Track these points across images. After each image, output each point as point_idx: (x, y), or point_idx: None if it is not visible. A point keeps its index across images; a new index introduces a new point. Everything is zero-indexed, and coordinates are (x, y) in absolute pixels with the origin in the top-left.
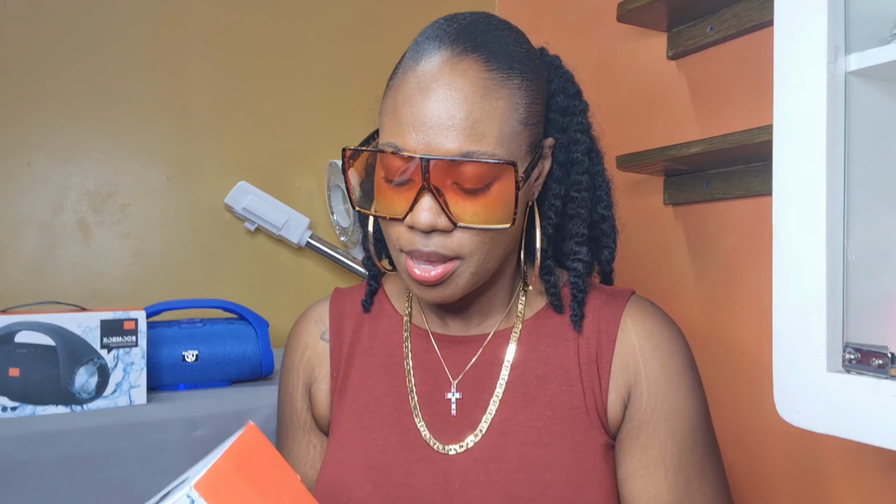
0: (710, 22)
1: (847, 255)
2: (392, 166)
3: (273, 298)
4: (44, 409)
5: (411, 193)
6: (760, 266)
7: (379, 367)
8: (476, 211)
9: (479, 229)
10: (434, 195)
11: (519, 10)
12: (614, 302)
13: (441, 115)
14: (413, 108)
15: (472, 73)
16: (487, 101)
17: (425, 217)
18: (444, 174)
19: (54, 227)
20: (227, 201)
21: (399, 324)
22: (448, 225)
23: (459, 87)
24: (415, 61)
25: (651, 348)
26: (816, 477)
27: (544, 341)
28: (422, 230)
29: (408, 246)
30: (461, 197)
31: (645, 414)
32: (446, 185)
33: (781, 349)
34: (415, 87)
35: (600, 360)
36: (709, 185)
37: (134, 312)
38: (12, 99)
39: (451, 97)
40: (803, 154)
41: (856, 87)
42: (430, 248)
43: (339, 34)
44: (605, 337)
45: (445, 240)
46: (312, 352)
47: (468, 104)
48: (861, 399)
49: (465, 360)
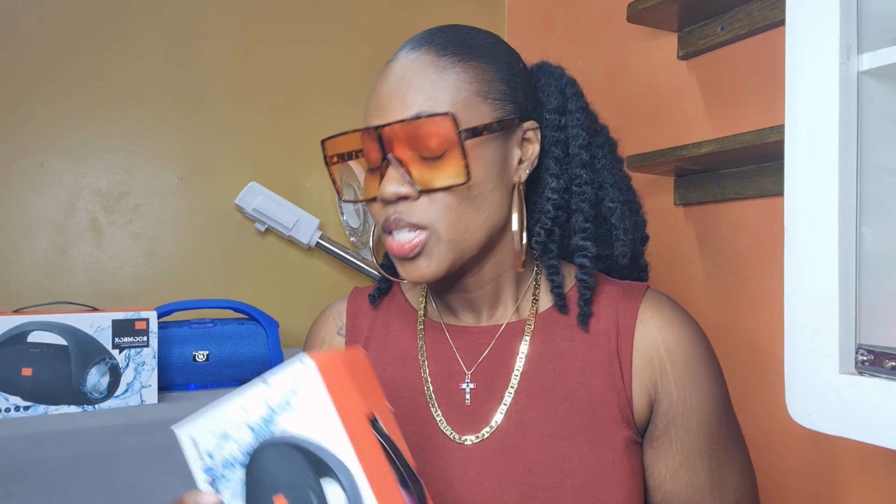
0: (722, 21)
1: (859, 256)
2: (362, 149)
3: (283, 299)
4: (56, 408)
5: (380, 170)
6: (772, 267)
7: (394, 359)
8: (434, 174)
9: (437, 191)
10: (396, 164)
11: (529, 11)
12: (631, 295)
13: (392, 90)
14: (373, 95)
15: (424, 59)
16: (438, 74)
17: (389, 188)
18: (399, 142)
19: (67, 227)
20: (237, 202)
21: (414, 318)
22: (412, 191)
23: (410, 67)
24: (386, 62)
25: (674, 341)
26: (828, 479)
27: (560, 335)
28: (388, 200)
29: (382, 220)
30: (422, 165)
31: (677, 408)
32: (407, 156)
33: (793, 351)
34: (376, 80)
35: (621, 353)
36: (720, 185)
37: (145, 313)
38: (26, 100)
39: (402, 77)
40: (815, 154)
41: (868, 87)
42: (397, 215)
43: (351, 36)
44: (623, 330)
45: (411, 207)
46: (329, 346)
47: (418, 78)
48: (873, 401)
49: (479, 351)
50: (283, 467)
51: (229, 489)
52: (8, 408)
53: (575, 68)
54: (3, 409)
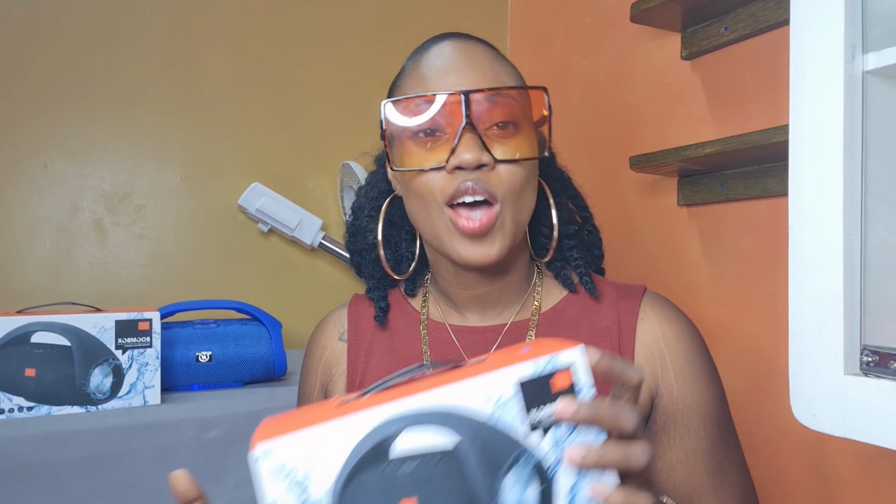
0: (725, 22)
1: (864, 256)
2: (430, 112)
3: (286, 299)
4: (59, 409)
5: (450, 137)
6: (777, 268)
7: (400, 363)
8: (511, 145)
9: (517, 161)
10: (475, 132)
11: (533, 11)
12: (630, 294)
13: (467, 67)
14: (439, 69)
15: (482, 47)
16: (503, 64)
17: (470, 153)
18: (483, 109)
19: (70, 227)
20: (240, 202)
21: (416, 320)
22: (491, 160)
23: (476, 51)
24: (422, 53)
25: (674, 337)
26: (832, 480)
27: (563, 332)
28: (469, 166)
29: (451, 190)
30: (496, 137)
31: (677, 404)
32: (487, 124)
33: (798, 352)
34: (434, 58)
35: (623, 349)
36: (724, 186)
37: (148, 313)
38: (29, 102)
39: (471, 56)
40: (820, 154)
41: (873, 87)
42: (475, 182)
43: (354, 37)
44: (625, 327)
45: (487, 177)
46: (331, 353)
47: (489, 60)
48: (878, 402)
49: (486, 350)
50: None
51: None
52: (11, 408)
53: (578, 69)
54: (7, 410)
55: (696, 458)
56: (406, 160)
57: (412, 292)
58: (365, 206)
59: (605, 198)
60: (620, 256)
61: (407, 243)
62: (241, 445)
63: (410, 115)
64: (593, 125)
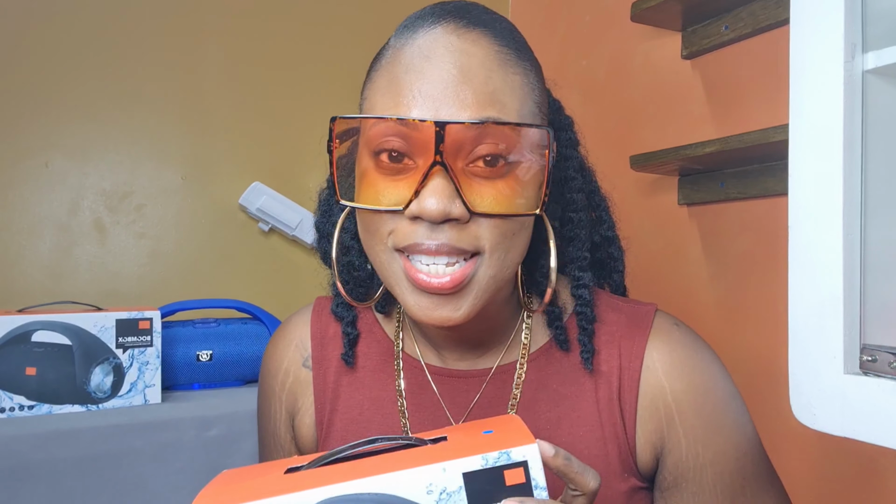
0: (726, 21)
1: (864, 256)
2: (394, 141)
3: (287, 298)
4: (59, 408)
5: (416, 176)
6: (776, 267)
7: (370, 400)
8: (496, 195)
9: (502, 217)
10: (448, 174)
11: (533, 10)
12: (636, 329)
13: (453, 81)
14: (417, 75)
15: (484, 43)
16: (504, 72)
17: (436, 203)
18: (460, 147)
19: (71, 227)
20: (241, 202)
21: (390, 350)
22: (464, 213)
23: (473, 53)
24: (408, 37)
25: (683, 390)
26: (833, 480)
27: (555, 379)
28: (432, 220)
29: (406, 241)
30: (477, 179)
31: (687, 462)
32: (459, 166)
33: (797, 351)
34: (416, 56)
35: (623, 400)
36: (724, 185)
37: (149, 312)
38: (30, 101)
39: (463, 63)
40: (820, 153)
41: (873, 86)
42: (440, 241)
43: (354, 35)
44: (627, 374)
45: (458, 232)
46: (294, 380)
47: (485, 70)
48: (878, 401)
49: (467, 399)
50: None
51: None
52: (12, 407)
53: (578, 68)
54: (8, 409)
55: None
56: (360, 185)
57: (383, 309)
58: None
59: None
60: None
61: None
62: (241, 444)
63: (370, 133)
64: (593, 124)
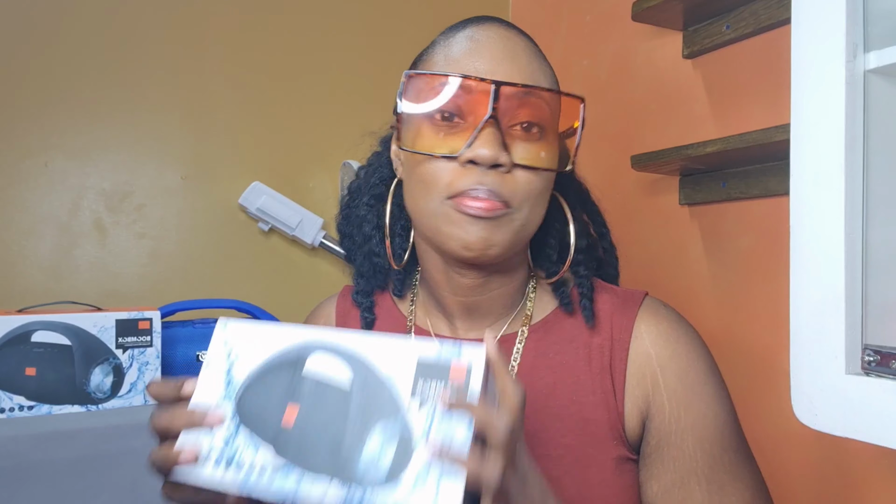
0: (727, 20)
1: (865, 255)
2: (454, 95)
3: (287, 298)
4: (59, 408)
5: (469, 127)
6: (778, 267)
7: None
8: (533, 151)
9: (536, 170)
10: (498, 127)
11: (534, 9)
12: (626, 307)
13: (503, 58)
14: (472, 52)
15: (523, 38)
16: (540, 61)
17: (490, 150)
18: (507, 109)
19: (71, 227)
20: (241, 201)
21: (403, 325)
22: (508, 161)
23: (516, 42)
24: (457, 31)
25: (668, 357)
26: (834, 480)
27: (553, 348)
28: (484, 163)
29: (459, 187)
30: (517, 139)
31: (669, 426)
32: (505, 125)
33: (799, 351)
34: (469, 39)
35: (614, 369)
36: (725, 185)
37: (149, 312)
38: (30, 101)
39: (509, 47)
40: (821, 153)
41: (875, 86)
42: (485, 186)
43: (354, 35)
44: (617, 345)
45: (501, 180)
46: None
47: (527, 55)
48: (880, 401)
49: None
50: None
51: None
52: (12, 407)
53: (580, 67)
54: (7, 409)
55: (691, 481)
56: (417, 141)
57: (400, 293)
58: (364, 192)
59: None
60: (621, 256)
61: (401, 239)
62: None
63: (432, 93)
64: (594, 124)
